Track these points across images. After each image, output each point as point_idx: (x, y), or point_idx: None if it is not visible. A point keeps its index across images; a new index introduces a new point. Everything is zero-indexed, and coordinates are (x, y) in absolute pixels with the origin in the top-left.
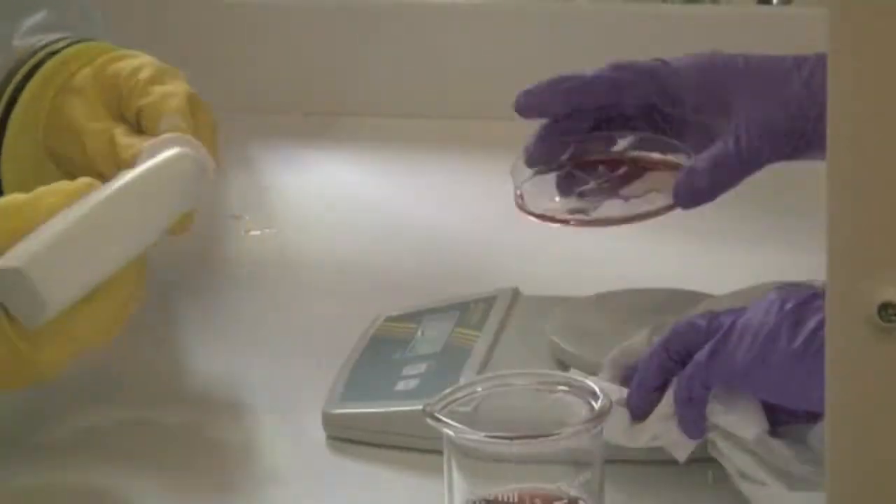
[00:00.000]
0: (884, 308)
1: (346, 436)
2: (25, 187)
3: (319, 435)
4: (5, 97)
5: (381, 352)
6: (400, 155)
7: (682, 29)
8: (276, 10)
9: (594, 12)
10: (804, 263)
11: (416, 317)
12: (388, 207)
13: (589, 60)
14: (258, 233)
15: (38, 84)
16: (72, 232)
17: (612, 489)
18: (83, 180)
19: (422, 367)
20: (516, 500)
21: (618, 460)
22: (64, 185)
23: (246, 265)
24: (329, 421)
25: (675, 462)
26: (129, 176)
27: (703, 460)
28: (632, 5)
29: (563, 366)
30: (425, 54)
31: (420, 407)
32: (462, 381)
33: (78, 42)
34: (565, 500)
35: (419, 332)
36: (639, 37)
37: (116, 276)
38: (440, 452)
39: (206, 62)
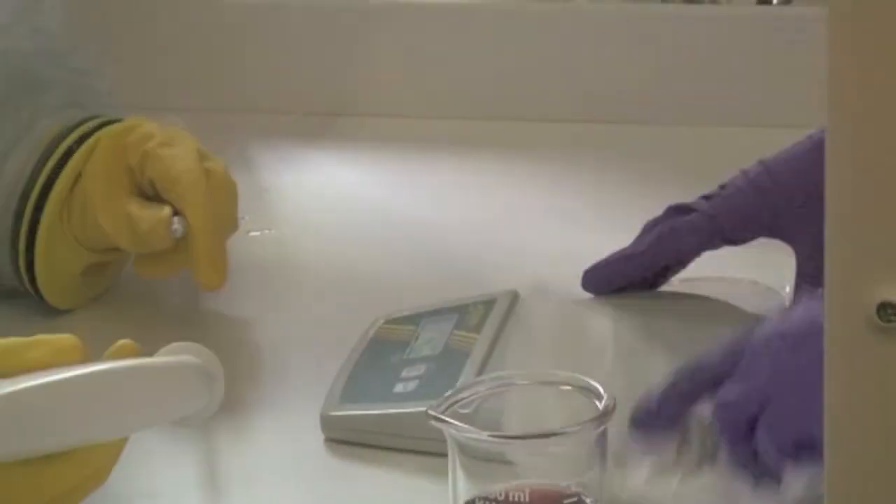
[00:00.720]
0: (883, 308)
1: (344, 438)
2: (58, 276)
3: (317, 437)
4: (39, 184)
5: (379, 354)
6: (400, 155)
7: (682, 29)
8: (275, 10)
9: (594, 12)
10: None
11: (415, 319)
12: (389, 208)
13: (589, 60)
14: (258, 233)
15: (69, 176)
16: (39, 390)
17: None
18: (68, 339)
19: (420, 370)
20: (526, 499)
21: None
22: (48, 340)
23: (246, 265)
24: (327, 423)
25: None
26: (122, 362)
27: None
28: (632, 5)
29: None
30: (425, 54)
31: (418, 409)
32: (462, 382)
33: (101, 125)
34: (575, 499)
35: (418, 335)
36: (639, 37)
37: (75, 457)
38: (439, 454)
39: (207, 62)
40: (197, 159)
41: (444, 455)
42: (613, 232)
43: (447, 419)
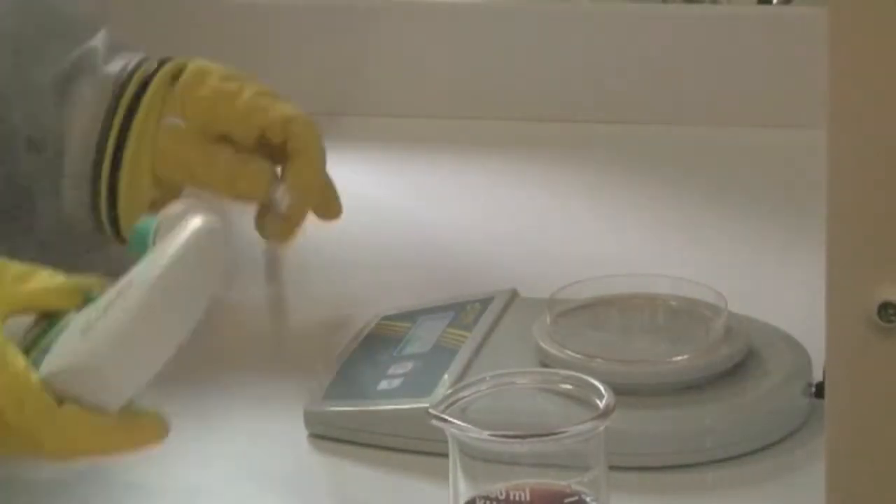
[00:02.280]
0: (884, 308)
1: (326, 434)
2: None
3: (303, 432)
4: (114, 132)
5: (371, 351)
6: (400, 155)
7: (682, 29)
8: (276, 10)
9: (594, 12)
10: (804, 263)
11: (412, 316)
12: (389, 207)
13: (589, 60)
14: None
15: (142, 119)
16: (133, 324)
17: (612, 494)
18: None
19: (408, 367)
20: (527, 498)
21: (618, 467)
22: (56, 279)
23: (246, 264)
24: (309, 419)
25: (674, 467)
26: (165, 258)
27: (703, 464)
28: (632, 5)
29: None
30: (425, 54)
31: (397, 407)
32: (446, 378)
33: (161, 64)
34: (576, 498)
35: (411, 332)
36: (639, 37)
37: None
38: (419, 452)
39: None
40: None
41: (422, 452)
42: (613, 231)
43: (448, 418)
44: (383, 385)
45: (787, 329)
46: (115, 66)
